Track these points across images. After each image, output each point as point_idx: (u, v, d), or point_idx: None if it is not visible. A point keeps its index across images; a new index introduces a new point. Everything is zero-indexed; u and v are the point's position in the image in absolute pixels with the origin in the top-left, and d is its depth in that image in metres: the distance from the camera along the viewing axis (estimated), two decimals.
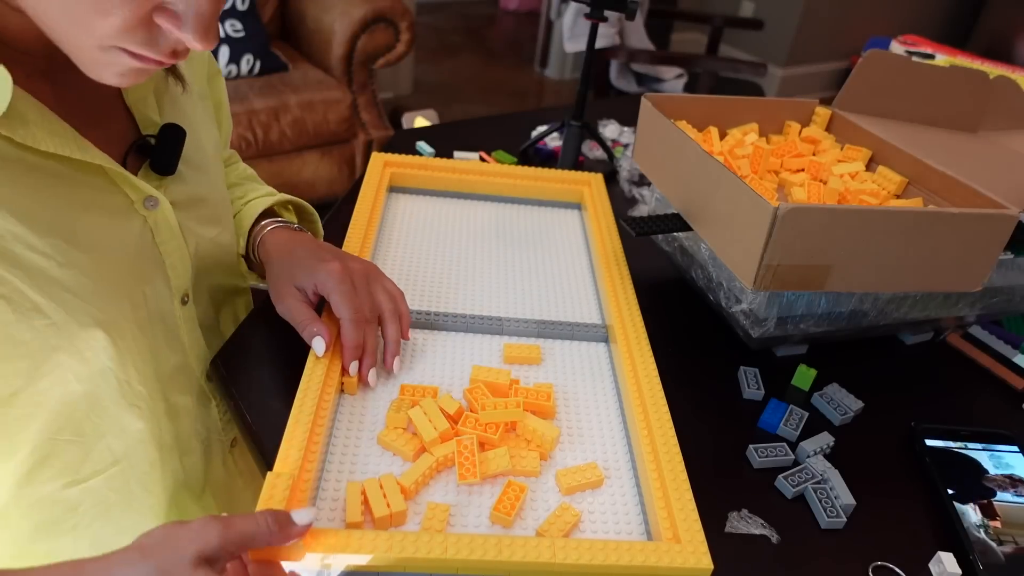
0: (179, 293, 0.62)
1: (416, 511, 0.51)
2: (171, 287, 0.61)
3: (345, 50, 2.24)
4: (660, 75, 2.39)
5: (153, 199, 0.58)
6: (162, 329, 0.61)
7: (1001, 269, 0.73)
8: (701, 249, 0.76)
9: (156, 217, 0.58)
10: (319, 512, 0.50)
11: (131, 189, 0.56)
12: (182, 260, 0.62)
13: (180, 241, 0.61)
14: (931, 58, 1.26)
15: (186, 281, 0.63)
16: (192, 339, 0.65)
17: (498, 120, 1.32)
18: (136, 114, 0.59)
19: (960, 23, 3.56)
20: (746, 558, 0.55)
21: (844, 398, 0.70)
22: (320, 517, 0.50)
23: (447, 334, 0.69)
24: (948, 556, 0.55)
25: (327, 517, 0.50)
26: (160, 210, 0.58)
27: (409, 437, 0.56)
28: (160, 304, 0.60)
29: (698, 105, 0.85)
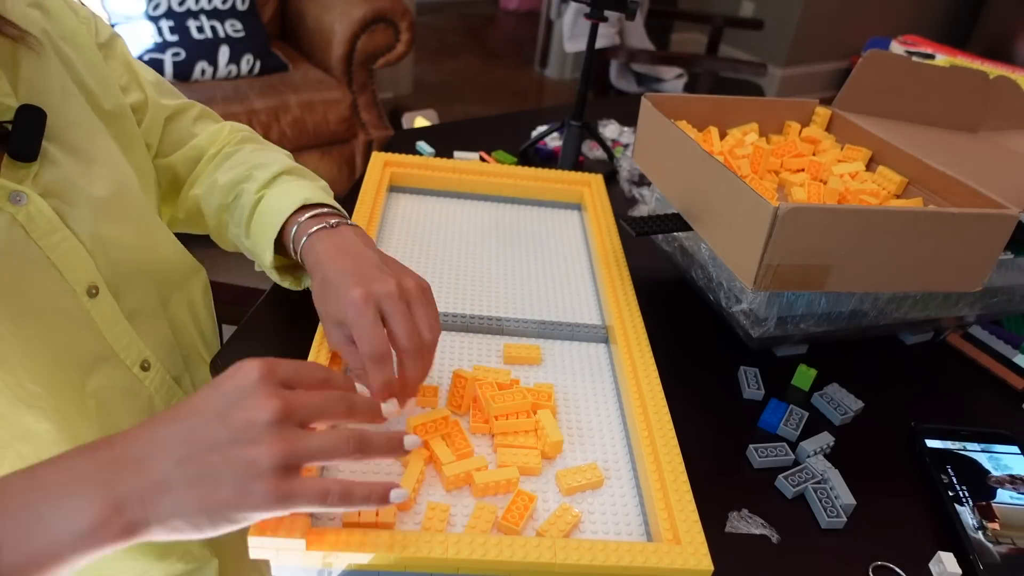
0: (81, 286, 0.58)
1: (416, 511, 0.51)
2: (66, 281, 0.57)
3: (345, 50, 2.24)
4: (660, 75, 2.39)
5: (19, 194, 0.53)
6: (63, 324, 0.57)
7: (1001, 269, 0.73)
8: (701, 249, 0.76)
9: (28, 211, 0.54)
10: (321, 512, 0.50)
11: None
12: (75, 251, 0.57)
13: (65, 232, 0.56)
14: (931, 58, 1.26)
15: (88, 273, 0.59)
16: (115, 331, 0.61)
17: (498, 120, 1.32)
18: None
19: (960, 23, 3.56)
20: (746, 558, 0.55)
21: (844, 398, 0.70)
22: (320, 516, 0.50)
23: (447, 334, 0.69)
24: (948, 556, 0.55)
25: (327, 516, 0.50)
26: (31, 204, 0.54)
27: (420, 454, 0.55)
28: (51, 300, 0.56)
29: (698, 105, 0.85)
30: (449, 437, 0.56)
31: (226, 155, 0.73)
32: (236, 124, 0.77)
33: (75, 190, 0.58)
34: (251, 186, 0.66)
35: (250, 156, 0.71)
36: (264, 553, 0.44)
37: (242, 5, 2.17)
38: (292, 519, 0.44)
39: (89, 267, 0.59)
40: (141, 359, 0.64)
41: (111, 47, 0.67)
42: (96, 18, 0.67)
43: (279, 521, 0.44)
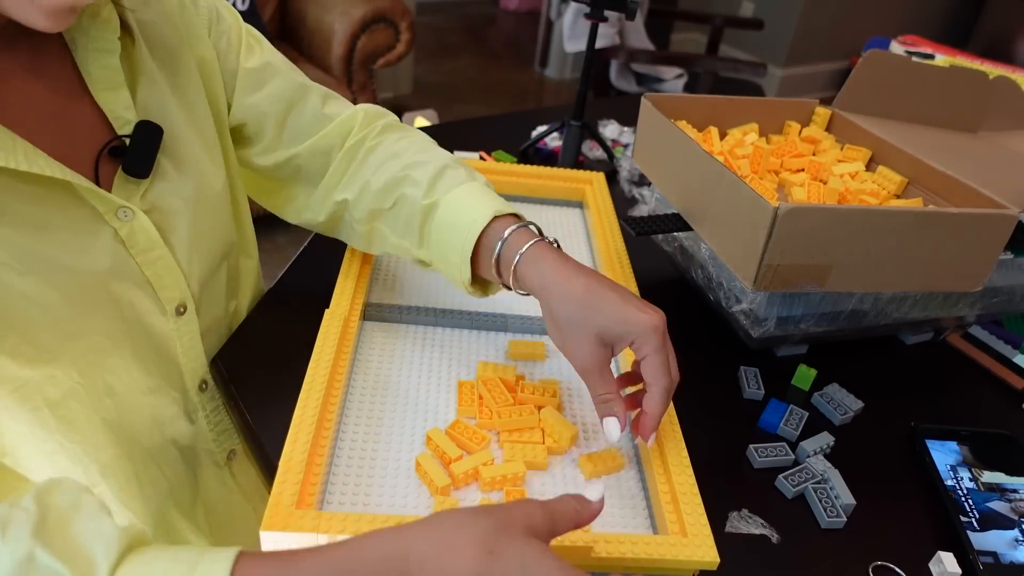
0: (172, 304, 0.59)
1: (426, 505, 0.52)
2: (159, 300, 0.58)
3: (345, 50, 2.24)
4: (660, 75, 2.39)
5: (126, 210, 0.53)
6: (145, 343, 0.58)
7: (1001, 269, 0.73)
8: (701, 249, 0.76)
9: (131, 227, 0.54)
10: (331, 496, 0.51)
11: (99, 201, 0.52)
12: (169, 269, 0.57)
13: (163, 250, 0.57)
14: (931, 58, 1.26)
15: (181, 292, 0.59)
16: (189, 353, 0.62)
17: (498, 120, 1.32)
18: (108, 112, 0.54)
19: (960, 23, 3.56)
20: (746, 558, 0.55)
21: (844, 398, 0.70)
22: (332, 501, 0.51)
23: (452, 331, 0.69)
24: (948, 556, 0.55)
25: (338, 501, 0.51)
26: (136, 220, 0.54)
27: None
28: (143, 318, 0.57)
29: (698, 105, 0.85)
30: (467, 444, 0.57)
31: (369, 149, 0.66)
32: (370, 107, 0.69)
33: (179, 205, 0.58)
34: (414, 191, 0.61)
35: (399, 150, 0.65)
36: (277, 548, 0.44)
37: (242, 5, 2.17)
38: (302, 512, 0.45)
39: (182, 285, 0.59)
40: (201, 379, 0.65)
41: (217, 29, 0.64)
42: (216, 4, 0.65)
43: (289, 516, 0.45)
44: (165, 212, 0.57)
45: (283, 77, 0.67)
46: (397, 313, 0.69)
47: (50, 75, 0.52)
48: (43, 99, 0.51)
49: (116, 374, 0.56)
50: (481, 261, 0.58)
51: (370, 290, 0.72)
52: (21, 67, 0.50)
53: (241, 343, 0.68)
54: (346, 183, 0.66)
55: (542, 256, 0.55)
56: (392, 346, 0.66)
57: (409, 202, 0.62)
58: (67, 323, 0.51)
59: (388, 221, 0.64)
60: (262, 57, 0.66)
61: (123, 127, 0.55)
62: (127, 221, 0.54)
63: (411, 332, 0.68)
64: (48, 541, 0.35)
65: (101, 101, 0.54)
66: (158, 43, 0.58)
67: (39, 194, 0.49)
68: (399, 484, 0.53)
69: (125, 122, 0.55)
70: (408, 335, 0.68)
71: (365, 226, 0.66)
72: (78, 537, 0.36)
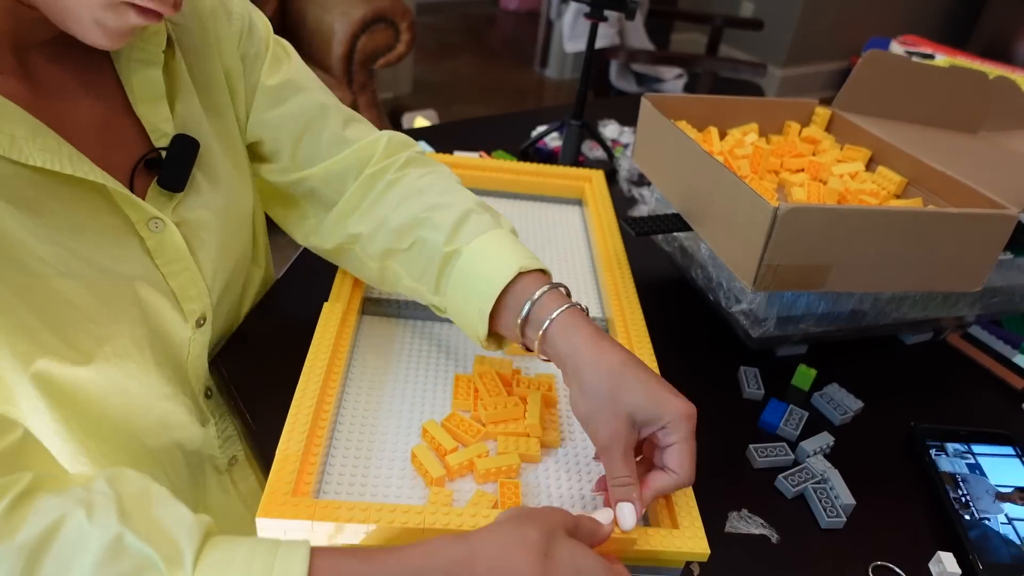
0: (193, 317, 0.59)
1: (421, 496, 0.53)
2: (182, 311, 0.58)
3: (345, 50, 2.24)
4: (660, 75, 2.39)
5: (158, 221, 0.54)
6: (163, 351, 0.58)
7: (1001, 269, 0.73)
8: (701, 249, 0.76)
9: (160, 239, 0.54)
10: (327, 486, 0.52)
11: (133, 210, 0.52)
12: (194, 283, 0.58)
13: (188, 263, 0.57)
14: (931, 58, 1.26)
15: (203, 305, 0.59)
16: (196, 361, 0.62)
17: (498, 120, 1.32)
18: (146, 124, 0.54)
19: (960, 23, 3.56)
20: (746, 558, 0.55)
21: (844, 398, 0.70)
22: (328, 491, 0.52)
23: (450, 326, 0.70)
24: (948, 556, 0.55)
25: (334, 490, 0.52)
26: (165, 232, 0.54)
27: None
28: (166, 326, 0.57)
29: (698, 105, 0.85)
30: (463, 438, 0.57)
31: (390, 183, 0.63)
32: (394, 135, 0.66)
33: (209, 219, 0.58)
34: (434, 235, 0.58)
35: (421, 187, 0.62)
36: (272, 535, 0.45)
37: None
38: (297, 500, 0.46)
39: (204, 298, 0.59)
40: (205, 387, 0.65)
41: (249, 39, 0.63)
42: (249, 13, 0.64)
43: (285, 504, 0.45)
44: (194, 226, 0.57)
45: (304, 96, 0.64)
46: (395, 307, 0.69)
47: (93, 85, 0.53)
48: (86, 108, 0.52)
49: (136, 379, 0.56)
50: (502, 318, 0.55)
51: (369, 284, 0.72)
52: (68, 77, 0.51)
53: (241, 343, 0.68)
54: (361, 215, 0.63)
55: (575, 324, 0.51)
56: (390, 339, 0.67)
57: (429, 246, 0.58)
58: (99, 326, 0.52)
59: (403, 262, 0.61)
60: (286, 73, 0.64)
61: (160, 139, 0.55)
62: (156, 232, 0.54)
63: (409, 326, 0.69)
64: (133, 524, 0.35)
65: (140, 113, 0.54)
66: (191, 53, 0.58)
67: (77, 198, 0.50)
68: (394, 475, 0.54)
69: (163, 135, 0.55)
70: (406, 329, 0.68)
71: (378, 263, 0.62)
72: (160, 521, 0.36)
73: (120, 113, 0.54)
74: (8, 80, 0.47)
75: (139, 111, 0.54)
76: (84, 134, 0.50)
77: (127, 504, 0.37)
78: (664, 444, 0.49)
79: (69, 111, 0.50)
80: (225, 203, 0.60)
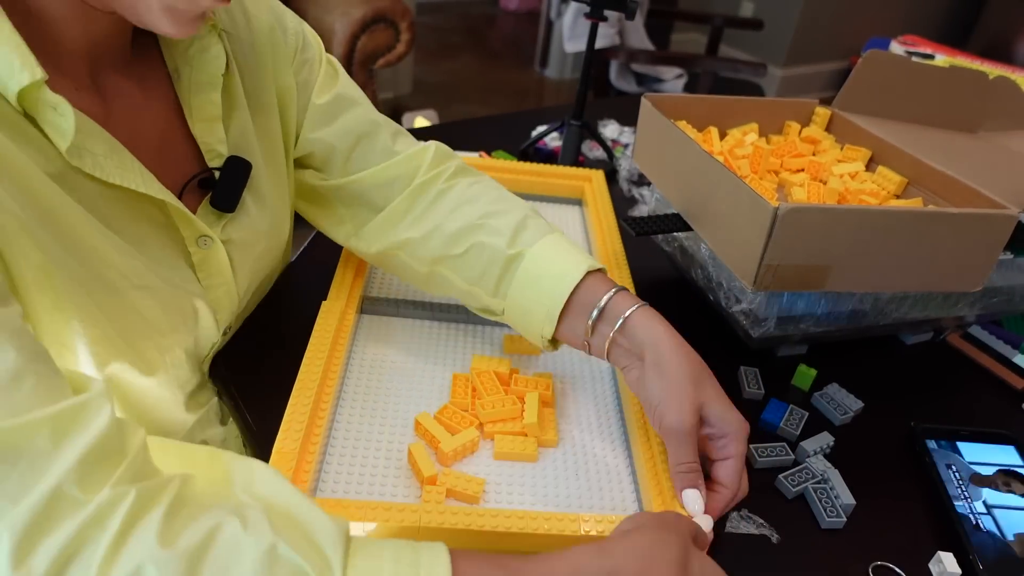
0: (223, 326, 0.61)
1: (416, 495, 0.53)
2: (216, 321, 0.59)
3: (345, 50, 2.24)
4: (660, 75, 2.39)
5: (207, 239, 0.55)
6: (195, 358, 0.60)
7: (1001, 269, 0.73)
8: (701, 249, 0.76)
9: (206, 255, 0.56)
10: (324, 484, 0.52)
11: (186, 226, 0.54)
12: (229, 297, 0.60)
13: (228, 278, 0.58)
14: (931, 58, 1.26)
15: (230, 316, 0.61)
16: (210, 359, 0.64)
17: (498, 120, 1.32)
18: (201, 144, 0.56)
19: (960, 23, 3.56)
20: (746, 558, 0.55)
21: (844, 398, 0.70)
22: (325, 489, 0.52)
23: (448, 325, 0.70)
24: (948, 556, 0.55)
25: (331, 488, 0.52)
26: (212, 249, 0.56)
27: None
28: (204, 335, 0.59)
29: (698, 105, 0.85)
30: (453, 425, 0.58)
31: (441, 191, 0.65)
32: (440, 146, 0.68)
33: (252, 240, 0.60)
34: (495, 240, 0.60)
35: (472, 195, 0.64)
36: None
37: None
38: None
39: (235, 310, 0.61)
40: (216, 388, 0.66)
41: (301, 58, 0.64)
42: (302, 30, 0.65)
43: None
44: (239, 245, 0.59)
45: (356, 111, 0.66)
46: (394, 307, 0.69)
47: (153, 103, 0.54)
48: (148, 125, 0.53)
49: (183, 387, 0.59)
50: (566, 317, 0.57)
51: (368, 284, 0.73)
52: (132, 94, 0.52)
53: (241, 343, 0.68)
54: (412, 221, 0.64)
55: (656, 317, 0.55)
56: (388, 338, 0.67)
57: (488, 250, 0.60)
58: (163, 337, 0.54)
59: (456, 267, 0.62)
60: (335, 90, 0.66)
61: (214, 160, 0.56)
62: (203, 249, 0.55)
63: (407, 325, 0.69)
64: (285, 535, 0.36)
65: (196, 132, 0.55)
66: (247, 72, 0.59)
67: (142, 213, 0.51)
68: (390, 473, 0.54)
69: (217, 155, 0.56)
70: (404, 328, 0.69)
71: (426, 268, 0.63)
72: (306, 530, 0.37)
73: (175, 131, 0.55)
74: (84, 96, 0.48)
75: (195, 131, 0.55)
76: (145, 151, 0.51)
77: (274, 514, 0.37)
78: (719, 456, 0.52)
79: (134, 128, 0.51)
80: (268, 225, 0.62)
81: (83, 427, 0.36)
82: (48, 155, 0.44)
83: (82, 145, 0.45)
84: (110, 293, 0.49)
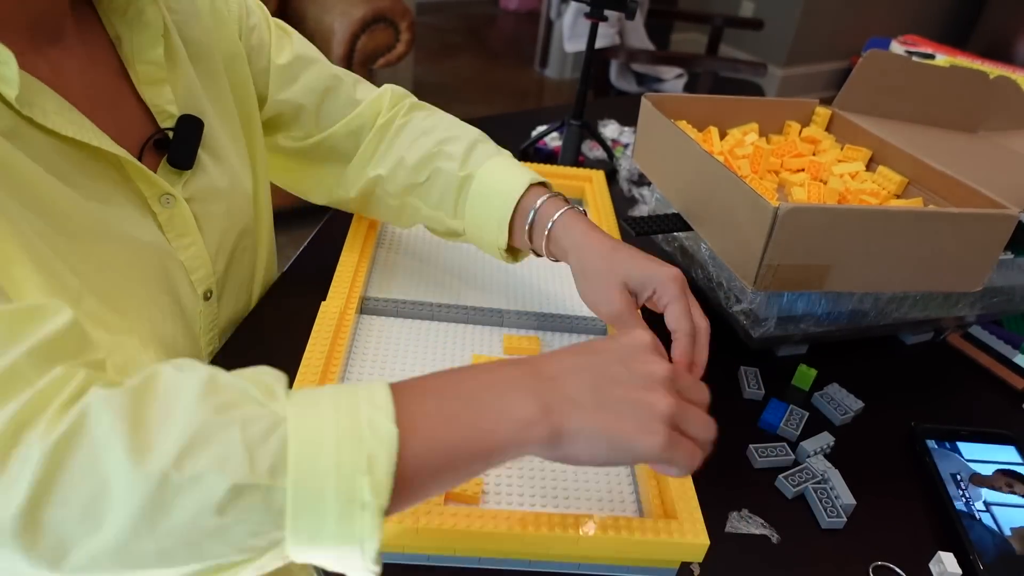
0: (201, 288, 0.61)
1: None
2: (191, 282, 0.60)
3: (345, 50, 2.24)
4: (660, 75, 2.39)
5: (169, 196, 0.56)
6: (182, 321, 0.60)
7: (1001, 269, 0.73)
8: (701, 249, 0.76)
9: (171, 214, 0.57)
10: None
11: (147, 185, 0.55)
12: (200, 257, 0.60)
13: (195, 236, 0.59)
14: (931, 58, 1.26)
15: (208, 277, 0.62)
16: (209, 336, 0.64)
17: (498, 120, 1.32)
18: (152, 107, 0.57)
19: (960, 23, 3.56)
20: (746, 558, 0.55)
21: (844, 398, 0.70)
22: None
23: (448, 325, 0.70)
24: (948, 556, 0.55)
25: None
26: (176, 207, 0.57)
27: None
28: (182, 298, 0.59)
29: (698, 105, 0.85)
30: None
31: (400, 127, 0.70)
32: (396, 88, 0.74)
33: (214, 195, 0.61)
34: (449, 165, 0.66)
35: (428, 126, 0.70)
36: None
37: None
38: None
39: (208, 271, 0.61)
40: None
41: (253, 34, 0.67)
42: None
43: None
44: (202, 202, 0.60)
45: (316, 68, 0.70)
46: (393, 306, 0.69)
47: (98, 70, 0.54)
48: (95, 91, 0.53)
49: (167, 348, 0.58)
50: (516, 228, 0.63)
51: (367, 284, 0.73)
52: (72, 65, 0.52)
53: (241, 342, 0.68)
54: (379, 159, 0.70)
55: (575, 221, 0.60)
56: (388, 339, 0.67)
57: (444, 175, 0.66)
58: (137, 290, 0.54)
59: (421, 194, 0.68)
60: (292, 51, 0.69)
61: (166, 120, 0.57)
62: (168, 207, 0.56)
63: (407, 325, 0.69)
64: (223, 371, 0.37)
65: (146, 96, 0.56)
66: (190, 40, 0.60)
67: (99, 172, 0.52)
68: None
69: (168, 115, 0.57)
70: (404, 328, 0.68)
71: (397, 200, 0.69)
72: (242, 373, 0.38)
73: (125, 96, 0.56)
74: (27, 61, 0.48)
75: (144, 94, 0.56)
76: (97, 116, 0.51)
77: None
78: (660, 309, 0.55)
79: (83, 95, 0.52)
80: (229, 180, 0.63)
81: (40, 323, 0.36)
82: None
83: (31, 99, 0.46)
84: (72, 242, 0.48)
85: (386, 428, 0.35)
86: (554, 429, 0.38)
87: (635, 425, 0.39)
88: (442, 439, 0.37)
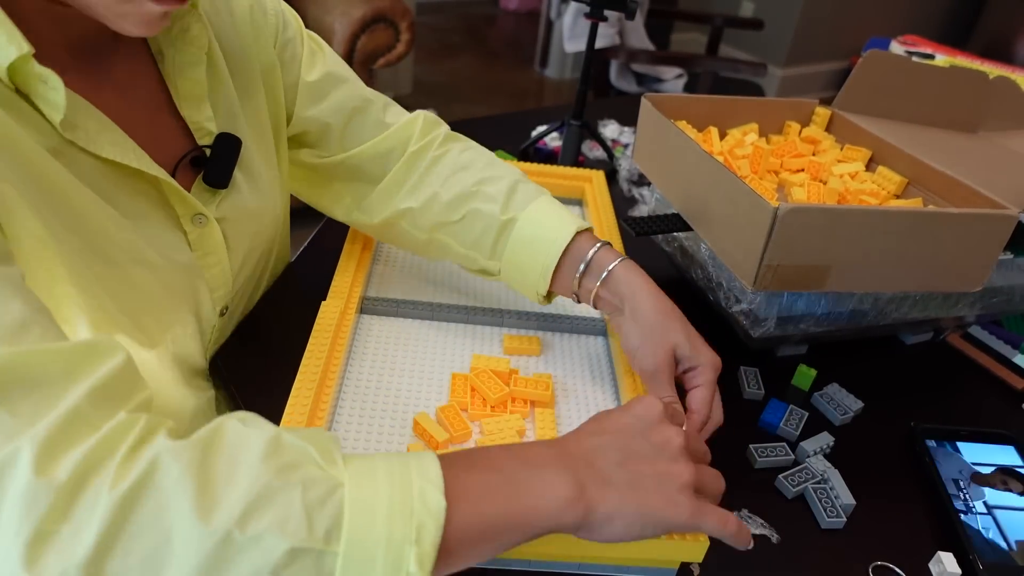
0: (219, 305, 0.61)
1: None
2: (212, 299, 0.60)
3: (345, 50, 2.24)
4: (660, 75, 2.39)
5: (202, 216, 0.56)
6: (198, 341, 0.60)
7: (1001, 269, 0.73)
8: (701, 249, 0.76)
9: (202, 233, 0.56)
10: None
11: (181, 205, 0.54)
12: (223, 276, 0.60)
13: (223, 255, 0.59)
14: (931, 58, 1.26)
15: (227, 295, 0.62)
16: (213, 347, 0.64)
17: (498, 120, 1.32)
18: (190, 123, 0.56)
19: (960, 23, 3.56)
20: (746, 558, 0.55)
21: (844, 398, 0.70)
22: None
23: (449, 325, 0.70)
24: (948, 556, 0.55)
25: None
26: (207, 226, 0.57)
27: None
28: (204, 318, 0.60)
29: (698, 105, 0.85)
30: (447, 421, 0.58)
31: (434, 159, 0.68)
32: (428, 115, 0.71)
33: (245, 216, 0.61)
34: (489, 207, 0.64)
35: (465, 162, 0.67)
36: None
37: None
38: None
39: (229, 289, 0.62)
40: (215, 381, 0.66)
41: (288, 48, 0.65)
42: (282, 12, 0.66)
43: None
44: (233, 222, 0.60)
45: (346, 88, 0.68)
46: (393, 306, 0.69)
47: (138, 86, 0.54)
48: (134, 107, 0.53)
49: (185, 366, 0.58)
50: (560, 273, 0.62)
51: (368, 284, 0.73)
52: (112, 78, 0.52)
53: (241, 341, 0.68)
54: (410, 191, 0.67)
55: (635, 270, 0.61)
56: (388, 338, 0.67)
57: (484, 217, 0.64)
58: (164, 313, 0.54)
59: (454, 233, 0.66)
60: (324, 67, 0.67)
61: (203, 138, 0.57)
62: (199, 227, 0.56)
63: (407, 325, 0.69)
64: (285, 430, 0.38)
65: (185, 112, 0.56)
66: (229, 52, 0.60)
67: (137, 191, 0.52)
68: None
69: (206, 133, 0.57)
70: (404, 328, 0.68)
71: (426, 235, 0.67)
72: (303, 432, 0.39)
73: (164, 113, 0.56)
74: (71, 79, 0.48)
75: (183, 111, 0.56)
76: (136, 132, 0.51)
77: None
78: (690, 386, 0.57)
79: (123, 111, 0.52)
80: (259, 201, 0.62)
81: (97, 362, 0.37)
82: (44, 131, 0.45)
83: (75, 120, 0.46)
84: (109, 266, 0.49)
85: (435, 500, 0.36)
86: (587, 507, 0.40)
87: (663, 498, 0.41)
88: (485, 513, 0.38)
